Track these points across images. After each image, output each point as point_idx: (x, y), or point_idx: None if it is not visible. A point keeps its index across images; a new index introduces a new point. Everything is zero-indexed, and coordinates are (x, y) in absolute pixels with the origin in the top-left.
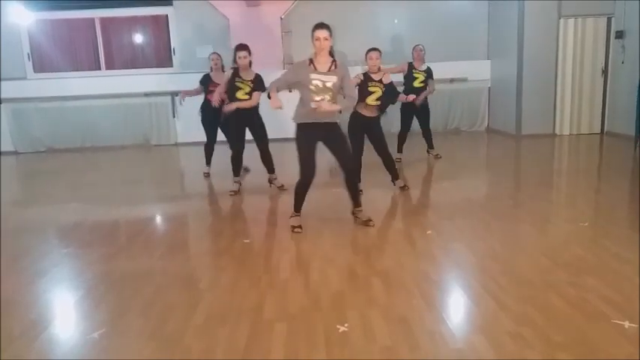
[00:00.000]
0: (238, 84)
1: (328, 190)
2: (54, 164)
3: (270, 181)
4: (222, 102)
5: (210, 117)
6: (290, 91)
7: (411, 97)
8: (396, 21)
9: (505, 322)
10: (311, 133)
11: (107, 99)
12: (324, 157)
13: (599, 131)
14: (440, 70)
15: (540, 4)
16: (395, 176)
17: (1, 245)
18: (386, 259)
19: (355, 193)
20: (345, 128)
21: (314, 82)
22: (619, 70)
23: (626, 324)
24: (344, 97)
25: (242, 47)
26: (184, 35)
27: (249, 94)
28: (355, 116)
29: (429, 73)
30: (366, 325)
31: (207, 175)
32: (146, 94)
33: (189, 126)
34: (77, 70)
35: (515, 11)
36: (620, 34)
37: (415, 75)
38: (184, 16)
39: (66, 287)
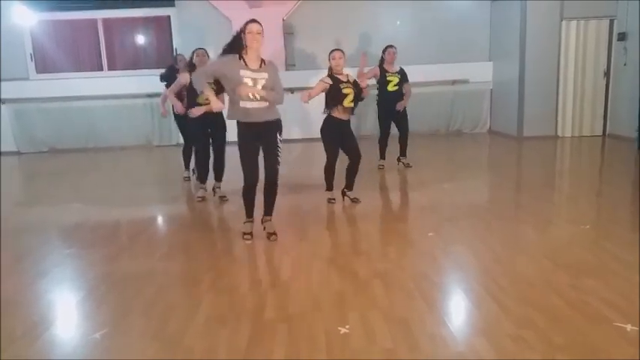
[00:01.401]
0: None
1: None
2: (56, 165)
3: (214, 190)
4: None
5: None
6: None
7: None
8: (398, 22)
9: (506, 324)
10: (248, 133)
11: (109, 100)
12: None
13: (601, 133)
14: (442, 72)
15: (542, 5)
16: (350, 186)
17: (1, 245)
18: (387, 260)
19: (270, 207)
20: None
21: (245, 79)
22: (621, 72)
23: (628, 327)
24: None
25: (200, 48)
26: (186, 36)
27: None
28: (330, 121)
29: (402, 74)
30: (367, 327)
31: (187, 179)
32: (148, 95)
33: None
34: (79, 71)
35: (518, 13)
36: (622, 36)
37: (389, 78)
38: (186, 17)
39: (68, 288)
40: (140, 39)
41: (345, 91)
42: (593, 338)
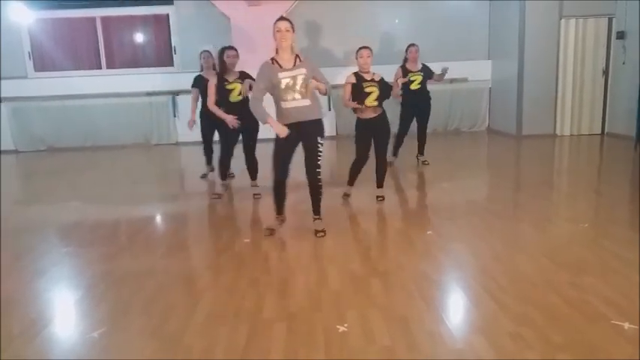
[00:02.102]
0: (227, 86)
1: (327, 190)
2: (54, 163)
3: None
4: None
5: (209, 123)
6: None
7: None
8: (397, 21)
9: (505, 322)
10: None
11: (108, 98)
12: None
13: (599, 132)
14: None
15: (541, 4)
16: (381, 184)
17: (1, 245)
18: (386, 259)
19: (317, 207)
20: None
21: (283, 80)
22: (620, 70)
23: (626, 325)
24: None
25: (230, 48)
26: (185, 34)
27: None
28: (358, 121)
29: (425, 71)
30: (366, 325)
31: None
32: (147, 94)
33: None
34: (78, 69)
35: (516, 11)
36: (621, 35)
37: (412, 78)
38: (185, 15)
39: (66, 286)
40: (139, 37)
41: (367, 89)
42: (592, 336)
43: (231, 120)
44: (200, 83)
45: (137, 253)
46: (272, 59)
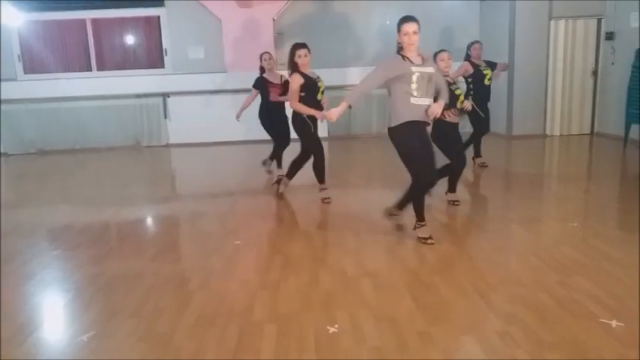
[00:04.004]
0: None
1: (316, 193)
2: (44, 166)
3: (321, 192)
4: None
5: (271, 120)
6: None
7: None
8: (388, 22)
9: (494, 321)
10: (416, 130)
11: (98, 100)
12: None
13: (589, 132)
14: None
15: (531, 5)
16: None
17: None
18: (376, 259)
19: (418, 208)
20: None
21: (417, 74)
22: (609, 71)
23: (614, 323)
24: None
25: (302, 45)
26: (176, 36)
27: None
28: (440, 125)
29: (491, 65)
30: (356, 326)
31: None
32: (138, 96)
33: (181, 127)
34: (68, 72)
35: (507, 12)
36: (610, 36)
37: (485, 72)
38: (176, 17)
39: (55, 289)
40: (129, 39)
41: (457, 92)
42: (580, 335)
43: (320, 114)
44: (262, 85)
45: (126, 256)
46: (402, 56)
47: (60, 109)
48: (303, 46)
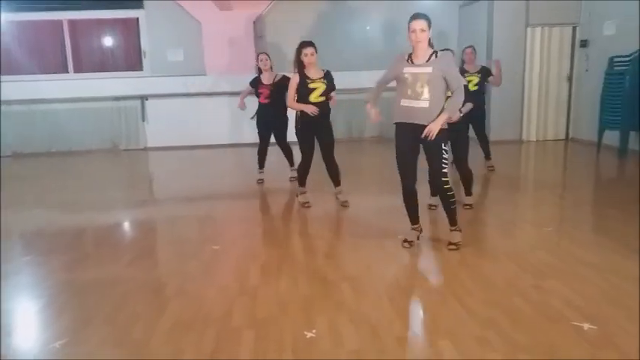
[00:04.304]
0: (311, 85)
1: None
2: (19, 169)
3: (336, 196)
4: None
5: (265, 120)
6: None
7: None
8: (368, 27)
9: (471, 326)
10: (404, 134)
11: (75, 102)
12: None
13: (564, 137)
14: None
15: (508, 12)
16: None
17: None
18: (356, 264)
19: (449, 216)
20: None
21: (406, 75)
22: (583, 78)
23: (585, 326)
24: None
25: (308, 44)
26: (155, 38)
27: (325, 94)
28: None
29: (483, 72)
30: (334, 331)
31: (261, 181)
32: (115, 98)
33: (160, 130)
34: (44, 73)
35: (485, 19)
36: (584, 43)
37: (468, 78)
38: (155, 19)
39: (27, 296)
40: (108, 41)
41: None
42: (553, 337)
43: (311, 108)
44: (255, 85)
45: (102, 261)
46: (408, 54)
47: (36, 112)
48: (309, 44)
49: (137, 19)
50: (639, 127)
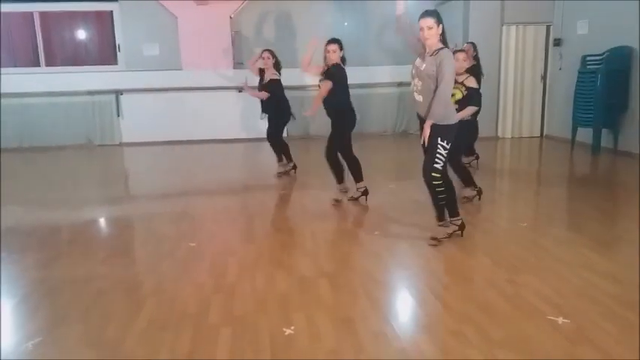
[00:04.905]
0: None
1: (276, 193)
2: None
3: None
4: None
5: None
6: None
7: None
8: (345, 24)
9: (448, 320)
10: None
11: (47, 97)
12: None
13: (539, 134)
14: (388, 74)
15: (484, 11)
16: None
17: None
18: (333, 260)
19: (436, 209)
20: None
21: (413, 69)
22: (557, 76)
23: (560, 320)
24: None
25: (330, 41)
26: (130, 32)
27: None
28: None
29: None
30: (312, 327)
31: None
32: (89, 93)
33: (135, 125)
34: (15, 66)
35: (460, 17)
36: (557, 42)
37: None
38: (130, 12)
39: None
40: (81, 34)
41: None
42: (529, 331)
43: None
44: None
45: (76, 259)
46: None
47: (6, 106)
48: (330, 41)
49: (111, 12)
50: (611, 125)
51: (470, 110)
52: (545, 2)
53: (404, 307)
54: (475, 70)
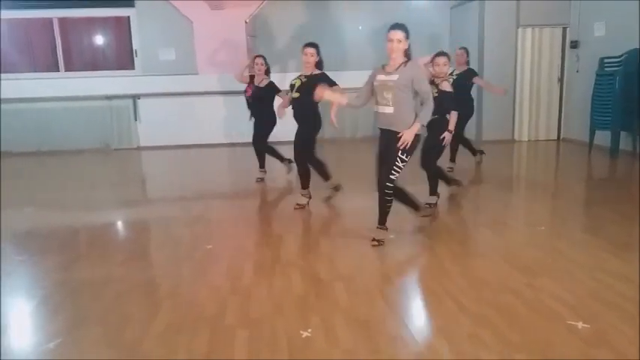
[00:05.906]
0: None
1: (291, 196)
2: (9, 169)
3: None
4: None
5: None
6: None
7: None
8: (360, 27)
9: (464, 324)
10: (380, 137)
11: (66, 101)
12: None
13: (555, 137)
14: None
15: (499, 13)
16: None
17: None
18: (349, 263)
19: (380, 215)
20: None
21: (376, 83)
22: (574, 78)
23: (580, 324)
24: (421, 104)
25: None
26: (147, 37)
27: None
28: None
29: (467, 74)
30: (329, 330)
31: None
32: (107, 97)
33: (152, 129)
34: (34, 72)
35: (476, 20)
36: (574, 44)
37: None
38: (147, 18)
39: (20, 296)
40: (98, 39)
41: None
42: (548, 336)
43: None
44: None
45: (94, 262)
46: (382, 65)
47: (26, 110)
48: (308, 45)
49: (128, 17)
50: (630, 128)
51: (454, 116)
52: (561, 3)
53: (420, 310)
54: (470, 74)
